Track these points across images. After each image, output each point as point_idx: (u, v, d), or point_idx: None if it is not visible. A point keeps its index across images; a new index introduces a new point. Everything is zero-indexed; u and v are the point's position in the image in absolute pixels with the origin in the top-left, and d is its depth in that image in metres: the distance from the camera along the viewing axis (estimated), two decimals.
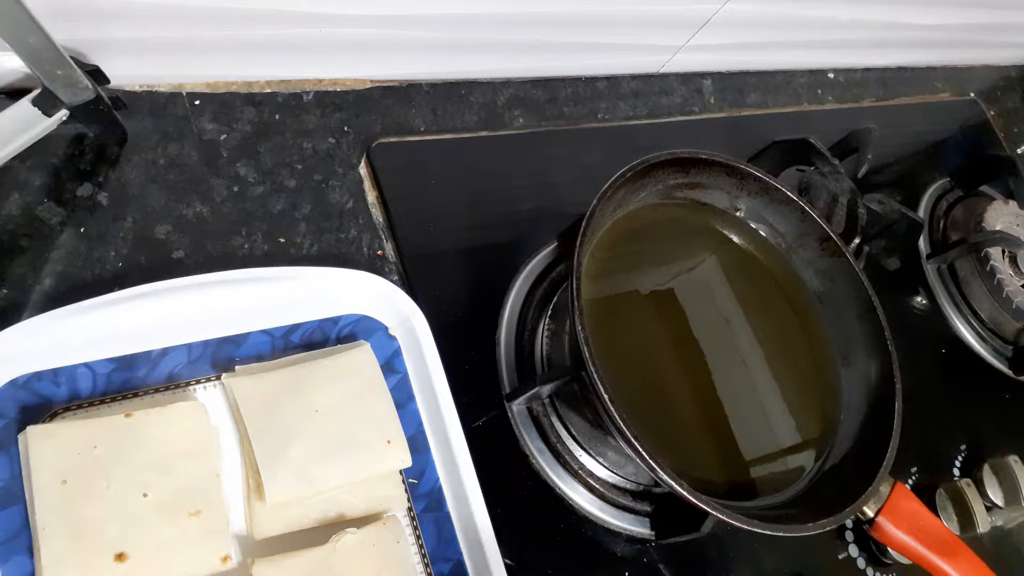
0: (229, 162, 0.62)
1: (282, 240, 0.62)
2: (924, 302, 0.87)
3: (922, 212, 0.91)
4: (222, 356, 0.54)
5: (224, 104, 0.64)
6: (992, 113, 1.10)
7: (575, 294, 0.51)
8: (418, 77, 0.72)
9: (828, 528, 0.51)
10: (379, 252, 0.64)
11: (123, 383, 0.51)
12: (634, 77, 0.84)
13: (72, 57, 0.50)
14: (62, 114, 0.54)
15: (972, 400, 0.83)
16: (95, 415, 0.49)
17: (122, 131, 0.59)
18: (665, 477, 0.48)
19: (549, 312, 0.64)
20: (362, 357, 0.56)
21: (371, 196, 0.66)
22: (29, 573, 0.45)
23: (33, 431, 0.46)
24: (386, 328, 0.58)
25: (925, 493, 0.72)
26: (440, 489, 0.56)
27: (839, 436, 0.60)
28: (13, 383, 0.48)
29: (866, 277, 0.62)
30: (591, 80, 0.81)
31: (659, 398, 0.58)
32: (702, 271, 0.64)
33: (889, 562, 0.68)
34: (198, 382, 0.53)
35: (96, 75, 0.55)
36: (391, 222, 0.65)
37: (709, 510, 0.49)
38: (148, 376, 0.52)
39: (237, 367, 0.53)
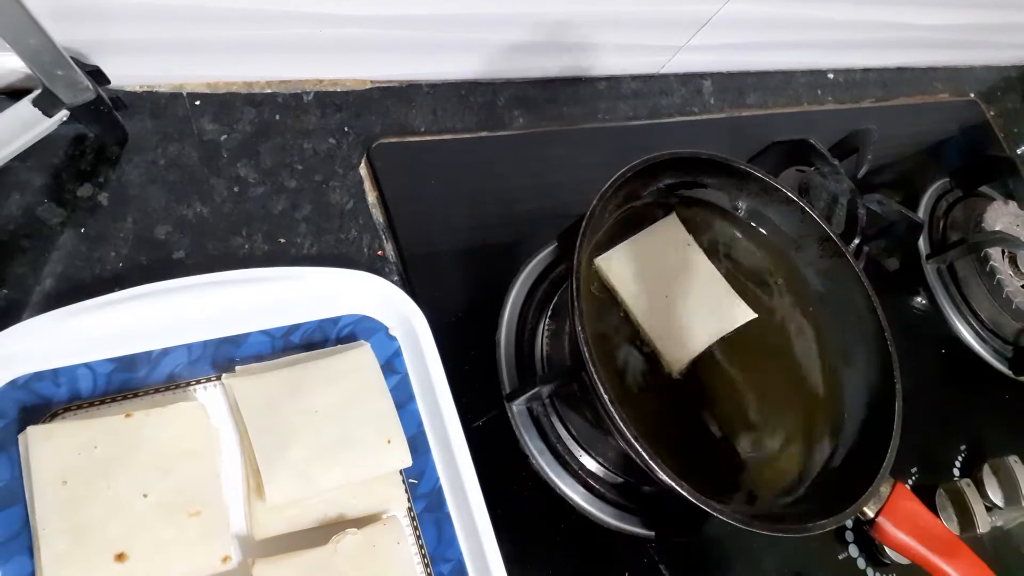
0: (229, 162, 0.62)
1: (282, 240, 0.62)
2: (924, 302, 0.87)
3: (922, 212, 0.90)
4: (222, 356, 0.54)
5: (224, 104, 0.64)
6: (992, 113, 1.10)
7: (575, 294, 0.51)
8: (418, 77, 0.72)
9: (828, 529, 0.51)
10: (379, 252, 0.64)
11: (123, 383, 0.51)
12: (634, 77, 0.84)
13: (72, 57, 0.50)
14: (62, 114, 0.54)
15: (972, 400, 0.83)
16: (95, 415, 0.49)
17: (122, 131, 0.59)
18: (665, 477, 0.48)
19: (549, 312, 0.64)
20: (362, 357, 0.56)
21: (371, 196, 0.66)
22: (29, 573, 0.45)
23: (33, 431, 0.46)
24: (386, 328, 0.58)
25: (925, 493, 0.72)
26: (440, 489, 0.56)
27: (840, 437, 0.60)
28: (13, 383, 0.48)
29: (866, 277, 0.62)
30: (591, 80, 0.81)
31: (659, 398, 0.58)
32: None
33: (888, 562, 0.69)
34: (198, 382, 0.53)
35: (96, 75, 0.55)
36: (391, 222, 0.65)
37: (709, 510, 0.49)
38: (148, 376, 0.52)
39: (237, 367, 0.53)
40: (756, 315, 0.62)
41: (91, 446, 0.47)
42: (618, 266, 0.59)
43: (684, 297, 0.60)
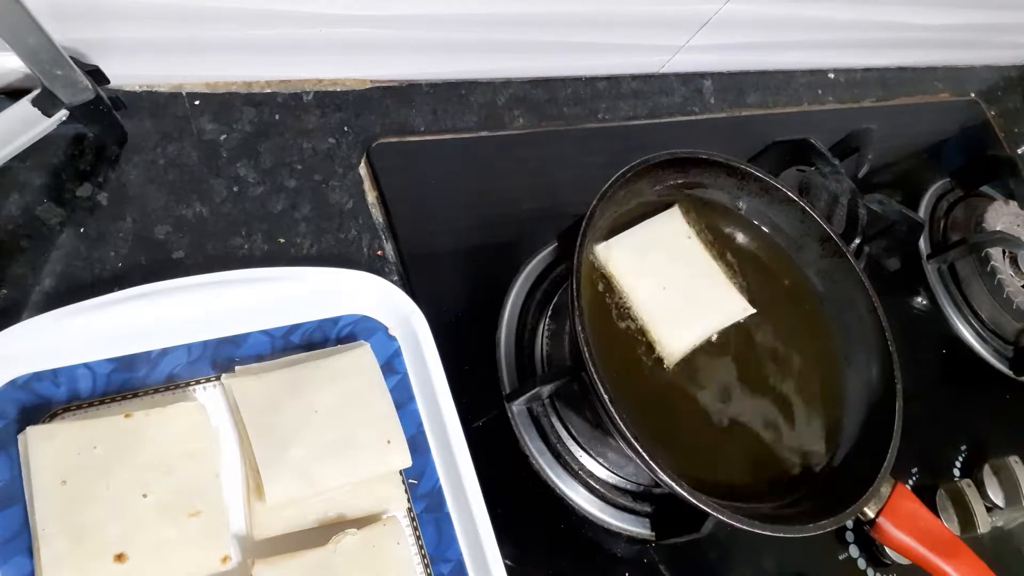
0: (229, 162, 0.62)
1: (282, 240, 0.62)
2: (924, 302, 0.87)
3: (922, 212, 0.90)
4: (222, 356, 0.54)
5: (224, 104, 0.64)
6: (992, 113, 1.10)
7: (575, 294, 0.51)
8: (418, 77, 0.72)
9: (828, 529, 0.51)
10: (379, 252, 0.64)
11: (123, 383, 0.51)
12: (634, 77, 0.84)
13: (72, 57, 0.50)
14: (62, 114, 0.54)
15: (973, 400, 0.83)
16: (95, 415, 0.49)
17: (122, 131, 0.59)
18: (665, 477, 0.48)
19: (549, 312, 0.64)
20: (362, 357, 0.56)
21: (371, 196, 0.66)
22: (29, 573, 0.45)
23: (33, 431, 0.46)
24: (386, 328, 0.58)
25: (925, 494, 0.72)
26: (440, 489, 0.56)
27: (840, 437, 0.59)
28: (13, 383, 0.48)
29: (867, 277, 0.62)
30: (591, 80, 0.81)
31: (659, 398, 0.58)
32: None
33: (889, 563, 0.68)
34: (198, 382, 0.53)
35: (96, 75, 0.55)
36: (391, 222, 0.65)
37: (709, 510, 0.49)
38: (148, 376, 0.52)
39: (237, 367, 0.53)
40: (755, 310, 0.62)
41: (91, 446, 0.47)
42: (618, 255, 0.59)
43: (683, 289, 0.60)
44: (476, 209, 0.69)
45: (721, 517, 0.49)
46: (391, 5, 0.63)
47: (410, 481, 0.55)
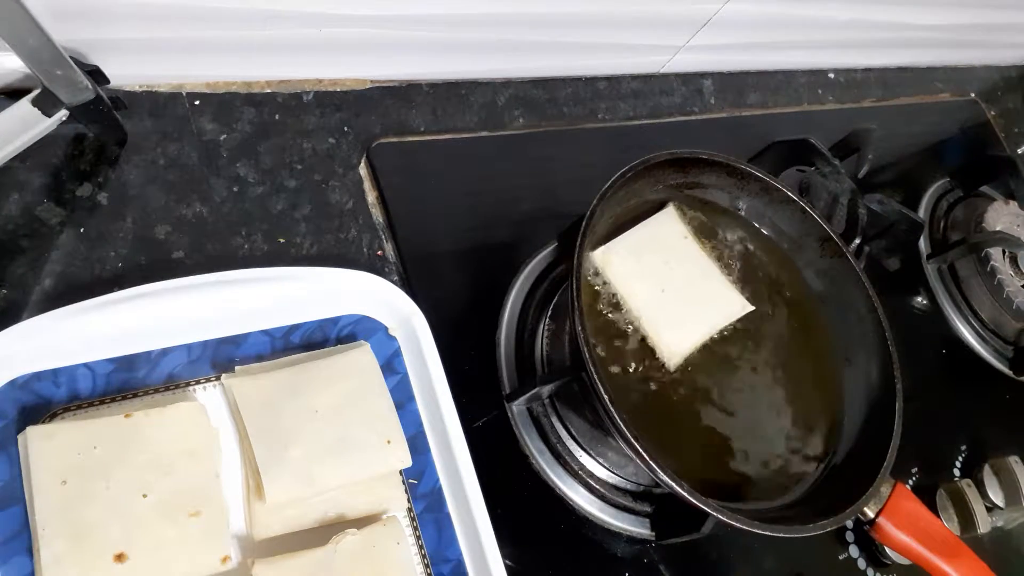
0: (229, 162, 0.62)
1: (282, 240, 0.62)
2: (924, 302, 0.87)
3: (922, 212, 0.91)
4: (222, 356, 0.54)
5: (224, 104, 0.64)
6: (992, 113, 1.10)
7: (575, 294, 0.51)
8: (418, 77, 0.72)
9: (828, 529, 0.51)
10: (379, 252, 0.64)
11: (123, 383, 0.51)
12: (634, 77, 0.84)
13: (72, 57, 0.50)
14: (62, 114, 0.54)
15: (973, 400, 0.83)
16: (95, 415, 0.49)
17: (122, 131, 0.59)
18: (665, 478, 0.48)
19: (549, 312, 0.64)
20: (362, 357, 0.56)
21: (371, 196, 0.66)
22: (29, 573, 0.45)
23: (33, 431, 0.46)
24: (386, 328, 0.58)
25: (926, 494, 0.72)
26: (440, 489, 0.56)
27: (840, 437, 0.59)
28: (13, 383, 0.48)
29: (867, 277, 0.62)
30: (591, 80, 0.81)
31: (658, 398, 0.58)
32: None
33: (889, 563, 0.68)
34: (198, 382, 0.53)
35: (96, 75, 0.55)
36: (391, 222, 0.65)
37: (709, 511, 0.49)
38: (148, 376, 0.52)
39: (237, 367, 0.53)
40: (754, 307, 0.62)
41: (91, 446, 0.47)
42: (616, 260, 0.59)
43: (681, 291, 0.60)
44: (476, 209, 0.69)
45: (721, 517, 0.49)
46: (391, 5, 0.63)
47: (410, 481, 0.55)
